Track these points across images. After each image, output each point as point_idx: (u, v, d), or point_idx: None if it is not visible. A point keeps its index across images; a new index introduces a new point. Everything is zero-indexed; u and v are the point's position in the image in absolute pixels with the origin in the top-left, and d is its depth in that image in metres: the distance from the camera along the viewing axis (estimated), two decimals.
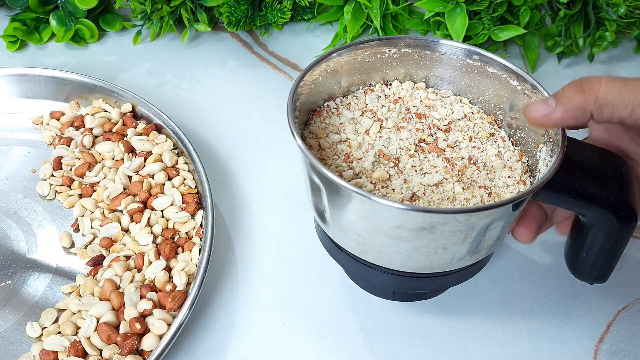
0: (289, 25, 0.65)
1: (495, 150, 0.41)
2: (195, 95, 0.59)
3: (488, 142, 0.41)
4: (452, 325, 0.44)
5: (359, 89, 0.44)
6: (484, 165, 0.40)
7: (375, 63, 0.43)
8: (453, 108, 0.43)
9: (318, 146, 0.40)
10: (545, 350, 0.43)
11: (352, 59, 0.42)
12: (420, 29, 0.63)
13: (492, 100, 0.43)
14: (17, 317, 0.43)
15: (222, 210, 0.50)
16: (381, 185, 0.38)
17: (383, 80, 0.44)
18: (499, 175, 0.39)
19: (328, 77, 0.42)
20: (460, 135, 0.41)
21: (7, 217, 0.49)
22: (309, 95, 0.41)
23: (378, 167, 0.39)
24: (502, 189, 0.38)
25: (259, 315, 0.44)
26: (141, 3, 0.60)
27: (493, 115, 0.43)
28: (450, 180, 0.39)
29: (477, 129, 0.42)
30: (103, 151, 0.51)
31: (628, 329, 0.44)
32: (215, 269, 0.46)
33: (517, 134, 0.41)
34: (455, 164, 0.40)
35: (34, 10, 0.61)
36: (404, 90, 0.44)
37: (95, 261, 0.45)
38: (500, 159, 0.40)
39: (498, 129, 0.42)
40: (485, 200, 0.38)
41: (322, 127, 0.41)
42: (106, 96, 0.54)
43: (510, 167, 0.40)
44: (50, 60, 0.61)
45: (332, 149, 0.40)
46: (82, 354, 0.40)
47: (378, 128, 0.41)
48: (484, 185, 0.38)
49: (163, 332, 0.40)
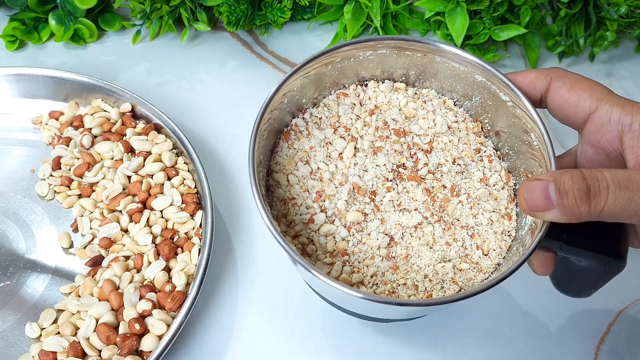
0: (288, 25, 0.65)
1: (480, 173, 0.38)
2: (194, 95, 0.58)
3: (473, 163, 0.39)
4: (454, 326, 0.44)
5: (331, 93, 0.41)
6: (467, 198, 0.38)
7: (349, 66, 0.40)
8: (436, 119, 0.40)
9: (286, 181, 0.38)
10: (545, 351, 0.43)
11: (322, 66, 0.39)
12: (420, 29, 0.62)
13: (479, 105, 0.40)
14: (16, 317, 0.43)
15: (222, 211, 0.50)
16: (356, 229, 0.37)
17: (358, 80, 0.41)
18: (483, 209, 0.37)
19: (295, 94, 0.39)
20: (442, 156, 0.39)
21: (6, 217, 0.49)
22: (276, 118, 0.38)
23: (353, 205, 0.37)
24: (485, 227, 0.37)
25: (259, 315, 0.44)
26: (140, 2, 0.60)
27: (480, 122, 0.40)
28: (430, 220, 0.37)
29: (462, 146, 0.39)
30: (102, 151, 0.51)
31: (629, 329, 0.44)
32: (215, 269, 0.46)
33: (506, 147, 0.39)
34: (436, 198, 0.38)
35: (33, 10, 0.60)
36: (381, 94, 0.40)
37: (94, 261, 0.45)
38: (485, 184, 0.38)
39: (484, 140, 0.40)
40: (467, 243, 0.37)
41: (290, 155, 0.39)
42: (105, 96, 0.54)
43: (495, 198, 0.38)
44: (49, 60, 0.61)
45: (302, 185, 0.38)
46: (81, 354, 0.40)
47: (352, 151, 0.38)
48: (466, 225, 0.37)
49: (162, 333, 0.40)
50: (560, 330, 0.44)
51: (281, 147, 0.39)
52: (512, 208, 0.38)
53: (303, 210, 0.37)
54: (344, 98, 0.40)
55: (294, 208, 0.38)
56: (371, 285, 0.36)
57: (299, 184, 0.38)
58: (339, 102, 0.40)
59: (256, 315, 0.44)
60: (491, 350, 0.43)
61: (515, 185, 0.39)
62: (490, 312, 0.44)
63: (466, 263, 0.37)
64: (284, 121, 0.40)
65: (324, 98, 0.41)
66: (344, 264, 0.36)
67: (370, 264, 0.36)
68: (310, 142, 0.39)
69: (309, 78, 0.39)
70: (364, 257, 0.37)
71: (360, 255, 0.37)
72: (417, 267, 0.36)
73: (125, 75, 0.60)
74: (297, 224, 0.37)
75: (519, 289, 0.46)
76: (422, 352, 0.43)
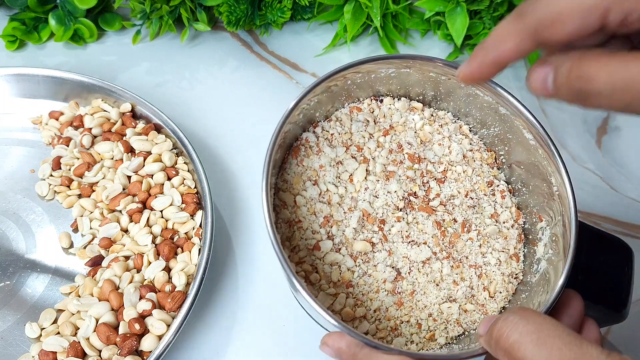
0: (288, 25, 0.65)
1: (491, 209, 0.37)
2: (194, 95, 0.58)
3: (485, 197, 0.38)
4: None
5: (344, 106, 0.39)
6: (477, 234, 0.37)
7: (368, 81, 0.38)
8: (451, 146, 0.38)
9: (293, 203, 0.37)
10: None
11: (342, 82, 0.37)
12: (420, 29, 0.62)
13: (497, 136, 0.38)
14: (16, 317, 0.43)
15: (222, 211, 0.50)
16: (362, 259, 0.36)
17: (373, 94, 0.39)
18: (492, 248, 0.37)
19: (310, 109, 0.37)
20: (455, 188, 0.38)
21: (6, 217, 0.49)
22: (287, 132, 0.37)
23: (361, 234, 0.36)
24: (493, 267, 0.36)
25: (259, 315, 0.44)
26: (140, 2, 0.60)
27: (494, 152, 0.39)
28: (439, 256, 0.36)
29: (475, 177, 0.38)
30: (102, 151, 0.51)
31: (629, 329, 0.44)
32: (215, 269, 0.46)
33: (518, 183, 0.38)
34: (446, 232, 0.36)
35: (33, 10, 0.60)
36: (397, 113, 0.39)
37: (94, 261, 0.45)
38: (496, 221, 0.37)
39: (497, 173, 0.39)
40: (474, 284, 0.36)
41: (299, 173, 0.37)
42: (105, 96, 0.54)
43: (505, 237, 0.37)
44: (49, 59, 0.61)
45: (309, 207, 0.36)
46: (81, 354, 0.40)
47: (364, 174, 0.37)
48: (474, 264, 0.36)
49: (162, 333, 0.40)
50: None
51: (290, 163, 0.38)
52: (520, 248, 0.37)
53: (309, 235, 0.36)
54: (357, 113, 0.39)
55: (299, 232, 0.36)
56: (374, 320, 0.35)
57: (306, 205, 0.37)
58: (352, 117, 0.39)
59: (256, 315, 0.44)
60: None
61: (524, 224, 0.38)
62: None
63: (472, 304, 0.36)
64: (294, 134, 0.38)
65: (337, 111, 0.39)
66: (348, 295, 0.35)
67: (374, 297, 0.35)
68: (321, 160, 0.37)
69: (326, 93, 0.37)
70: (368, 289, 0.35)
71: (365, 287, 0.35)
72: (422, 305, 0.35)
73: (125, 75, 0.60)
74: (301, 249, 0.36)
75: None
76: None
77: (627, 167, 0.54)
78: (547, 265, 0.35)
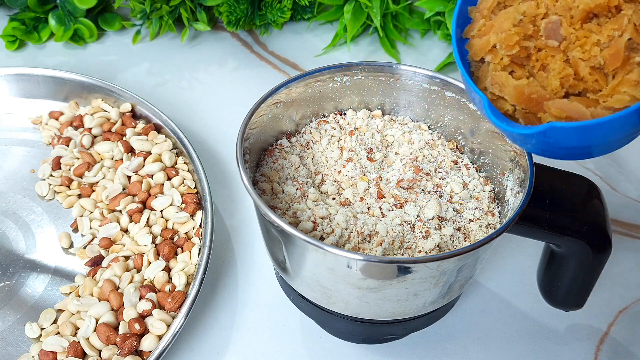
0: (288, 25, 0.65)
1: (460, 179, 0.39)
2: (194, 95, 0.58)
3: (452, 172, 0.39)
4: (454, 326, 0.44)
5: (312, 121, 0.42)
6: (450, 198, 0.38)
7: (328, 92, 0.41)
8: (412, 138, 0.41)
9: (271, 191, 0.38)
10: (545, 351, 0.43)
11: (303, 90, 0.40)
12: (420, 29, 0.63)
13: (452, 124, 0.41)
14: (16, 317, 0.43)
15: (222, 211, 0.50)
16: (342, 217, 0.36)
17: (337, 109, 0.42)
18: (467, 208, 0.37)
19: (279, 112, 0.40)
20: (426, 167, 0.39)
21: (6, 217, 0.49)
22: (259, 133, 0.39)
23: (337, 196, 0.37)
24: (471, 224, 0.37)
25: (259, 315, 0.44)
26: (140, 2, 0.60)
27: (454, 141, 0.41)
28: (417, 213, 0.36)
29: (441, 157, 0.40)
30: (102, 151, 0.51)
31: (629, 329, 0.44)
32: (215, 269, 0.46)
33: (481, 160, 0.40)
34: (420, 197, 0.37)
35: (33, 10, 0.60)
36: (360, 120, 0.42)
37: (94, 261, 0.45)
38: (466, 189, 0.38)
39: (460, 155, 0.41)
40: (455, 237, 0.36)
41: (275, 169, 0.39)
42: (105, 96, 0.54)
43: (477, 198, 0.38)
44: (49, 59, 0.61)
45: (288, 191, 0.38)
46: (81, 354, 0.40)
47: (339, 153, 0.40)
48: (452, 220, 0.37)
49: (162, 333, 0.40)
50: (560, 330, 0.44)
51: (266, 161, 0.40)
52: (494, 207, 0.38)
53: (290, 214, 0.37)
54: (324, 124, 0.42)
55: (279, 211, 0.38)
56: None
57: (283, 194, 0.38)
58: (319, 129, 0.42)
59: (256, 315, 0.44)
60: (491, 350, 0.43)
61: (493, 190, 0.39)
62: (490, 312, 0.44)
63: None
64: (267, 142, 0.40)
65: (305, 126, 0.42)
66: None
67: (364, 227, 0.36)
68: (295, 161, 0.39)
69: (292, 98, 0.40)
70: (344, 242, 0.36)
71: None
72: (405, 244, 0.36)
73: (125, 75, 0.60)
74: None
75: (519, 290, 0.46)
76: (421, 351, 0.43)
77: (627, 167, 0.54)
78: None
